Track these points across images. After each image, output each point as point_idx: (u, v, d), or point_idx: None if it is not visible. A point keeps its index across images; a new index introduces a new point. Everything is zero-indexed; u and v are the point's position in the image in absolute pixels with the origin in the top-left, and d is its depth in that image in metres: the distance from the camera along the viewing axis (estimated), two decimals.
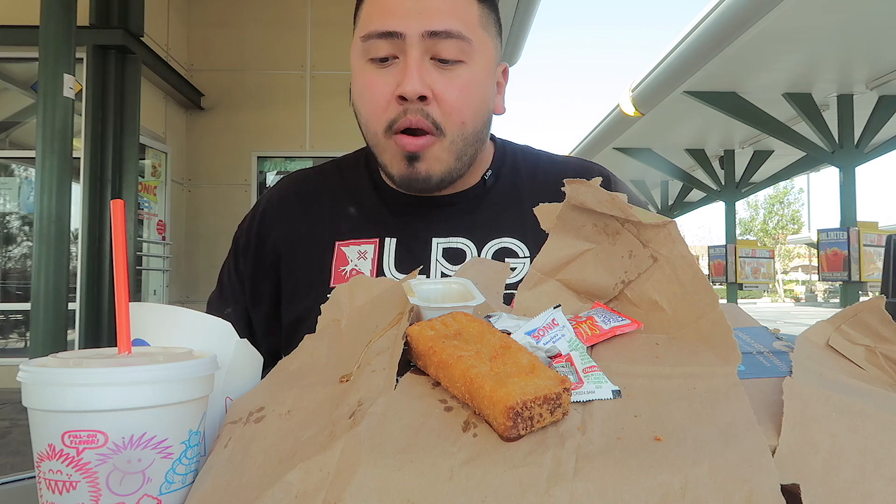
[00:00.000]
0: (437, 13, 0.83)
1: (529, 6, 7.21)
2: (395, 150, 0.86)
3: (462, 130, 0.86)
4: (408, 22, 0.82)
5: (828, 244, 9.42)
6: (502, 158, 1.00)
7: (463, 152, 0.88)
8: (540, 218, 0.60)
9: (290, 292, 0.94)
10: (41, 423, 0.39)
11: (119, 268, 0.46)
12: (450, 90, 0.84)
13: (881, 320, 0.50)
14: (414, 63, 0.82)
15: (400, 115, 0.84)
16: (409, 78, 0.81)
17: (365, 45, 0.85)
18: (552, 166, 1.01)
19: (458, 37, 0.83)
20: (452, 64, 0.84)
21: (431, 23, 0.82)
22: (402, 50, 0.83)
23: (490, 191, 0.96)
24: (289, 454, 0.40)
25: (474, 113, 0.87)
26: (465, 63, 0.85)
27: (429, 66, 0.84)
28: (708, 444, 0.36)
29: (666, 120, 10.83)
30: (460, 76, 0.85)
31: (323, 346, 0.53)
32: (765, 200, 40.86)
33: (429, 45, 0.83)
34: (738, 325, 0.54)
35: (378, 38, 0.83)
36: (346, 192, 0.99)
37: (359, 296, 0.57)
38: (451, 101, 0.84)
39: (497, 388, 0.38)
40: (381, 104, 0.85)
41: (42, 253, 4.43)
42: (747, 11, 6.61)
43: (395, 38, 0.82)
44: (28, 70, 6.37)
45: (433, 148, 0.85)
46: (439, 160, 0.86)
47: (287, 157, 7.85)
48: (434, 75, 0.83)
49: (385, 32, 0.83)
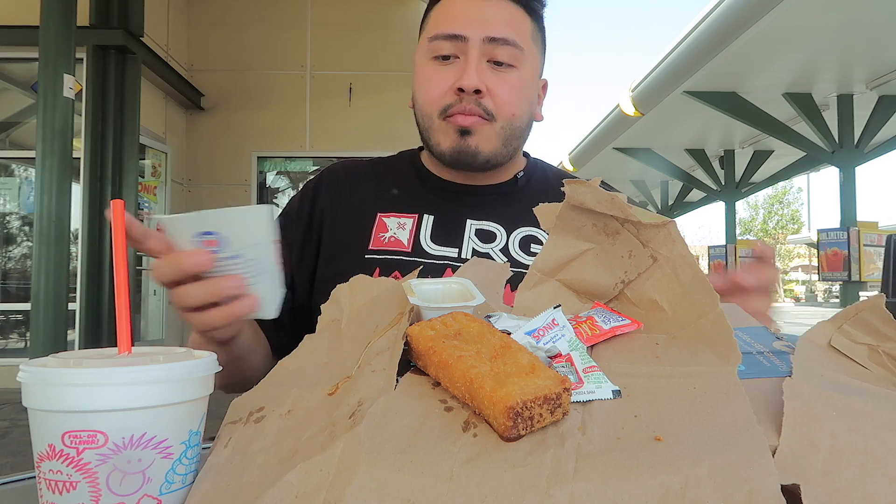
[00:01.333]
0: (497, 23, 0.95)
1: None
2: (447, 128, 0.96)
3: (511, 121, 0.97)
4: (471, 27, 0.94)
5: (828, 244, 9.42)
6: (534, 167, 1.11)
7: (509, 141, 0.98)
8: (540, 218, 0.60)
9: (329, 250, 1.01)
10: (41, 423, 0.39)
11: (119, 268, 0.46)
12: (502, 87, 0.95)
13: (882, 319, 0.50)
14: (473, 62, 0.93)
15: (455, 102, 0.94)
16: (469, 73, 0.93)
17: (431, 45, 0.96)
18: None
19: (513, 45, 0.95)
20: (506, 67, 0.95)
21: (491, 30, 0.94)
22: (463, 51, 0.94)
23: (522, 189, 1.06)
24: (289, 454, 0.40)
25: (521, 109, 0.98)
26: (515, 68, 0.96)
27: (485, 66, 0.95)
28: (708, 444, 0.36)
29: (666, 120, 10.82)
30: (511, 77, 0.96)
31: (323, 346, 0.53)
32: (765, 200, 40.87)
33: (487, 49, 0.94)
34: (738, 325, 0.54)
35: (444, 40, 0.95)
36: (390, 178, 1.08)
37: (359, 296, 0.57)
38: (503, 95, 0.95)
39: (497, 388, 0.38)
40: (439, 93, 0.95)
41: (42, 253, 4.43)
42: (747, 11, 6.60)
43: (459, 40, 0.94)
44: (28, 70, 6.36)
45: (484, 127, 0.95)
46: (488, 139, 0.96)
47: (287, 158, 7.85)
48: (489, 74, 0.94)
49: (451, 35, 0.94)
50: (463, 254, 0.98)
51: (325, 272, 0.99)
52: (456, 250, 0.98)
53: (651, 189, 17.80)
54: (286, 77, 7.69)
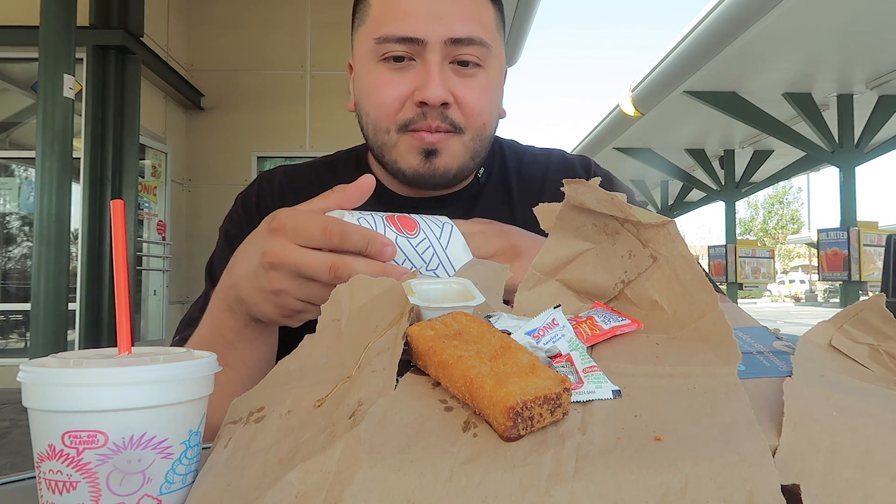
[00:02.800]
0: (459, 18, 0.80)
1: (529, 6, 7.21)
2: (409, 144, 0.83)
3: (481, 131, 0.86)
4: (429, 28, 0.79)
5: (828, 244, 9.43)
6: (492, 155, 0.99)
7: (477, 153, 0.87)
8: (540, 218, 0.60)
9: None
10: (41, 423, 0.39)
11: (119, 268, 0.45)
12: (470, 95, 0.82)
13: (883, 318, 0.50)
14: (436, 69, 0.79)
15: (418, 116, 0.81)
16: (432, 84, 0.79)
17: (380, 47, 0.82)
18: (535, 162, 1.03)
19: (479, 43, 0.81)
20: (472, 68, 0.83)
21: (454, 30, 0.80)
22: (420, 54, 0.81)
23: (483, 190, 0.97)
24: (289, 454, 0.40)
25: (491, 116, 0.87)
26: (482, 68, 0.84)
27: (448, 70, 0.82)
28: (708, 444, 0.36)
29: (666, 120, 10.83)
30: (479, 81, 0.83)
31: (323, 347, 0.53)
32: (765, 200, 40.90)
33: (450, 51, 0.81)
34: (738, 325, 0.54)
35: (395, 43, 0.80)
36: None
37: (359, 296, 0.57)
38: (472, 104, 0.83)
39: (497, 388, 0.38)
40: (394, 105, 0.82)
41: (42, 253, 4.43)
42: (747, 11, 6.61)
43: (415, 44, 0.80)
44: (28, 70, 6.37)
45: (451, 142, 0.84)
46: (456, 156, 0.85)
47: (287, 157, 7.86)
48: (453, 80, 0.82)
49: (404, 38, 0.80)
50: None
51: None
52: None
53: (651, 189, 17.82)
54: (286, 77, 7.70)
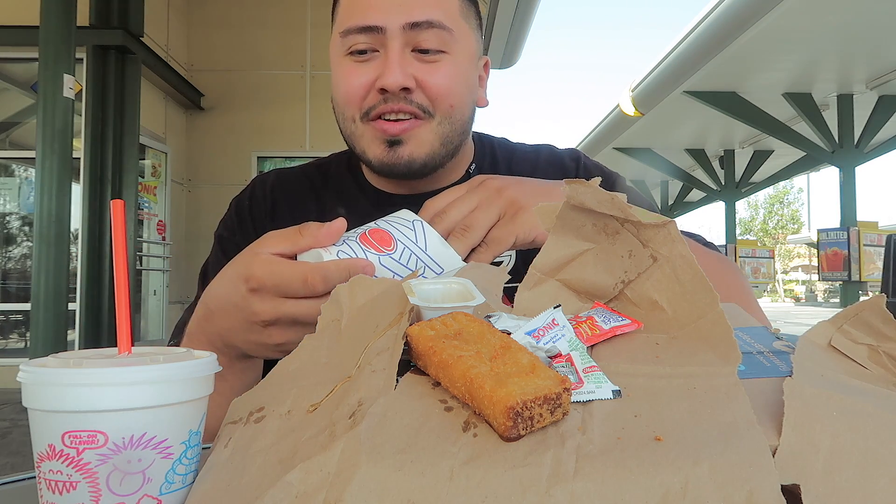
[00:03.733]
0: (417, 4, 0.81)
1: (529, 6, 7.21)
2: (373, 133, 0.84)
3: (451, 114, 0.85)
4: (387, 15, 0.81)
5: (828, 244, 9.43)
6: (482, 152, 1.00)
7: (449, 139, 0.86)
8: (540, 217, 0.60)
9: None
10: (41, 423, 0.39)
11: (119, 268, 0.45)
12: (433, 78, 0.82)
13: (883, 319, 0.50)
14: (395, 55, 0.81)
15: (379, 102, 0.82)
16: (391, 70, 0.80)
17: (344, 41, 0.83)
18: (525, 159, 1.02)
19: (439, 27, 0.82)
20: (434, 54, 0.83)
21: (412, 14, 0.81)
22: (382, 44, 0.82)
23: None
24: (289, 454, 0.40)
25: (460, 99, 0.86)
26: (447, 53, 0.84)
27: (410, 57, 0.82)
28: (708, 444, 0.36)
29: (666, 120, 10.83)
30: (444, 65, 0.83)
31: (323, 346, 0.53)
32: (765, 200, 40.90)
33: (410, 37, 0.81)
34: (738, 325, 0.54)
35: (357, 34, 0.82)
36: (331, 194, 0.98)
37: (359, 296, 0.57)
38: (437, 86, 0.83)
39: (497, 388, 0.38)
40: (358, 93, 0.83)
41: (42, 253, 4.43)
42: (747, 11, 6.61)
43: (376, 32, 0.81)
44: (28, 70, 6.37)
45: (418, 130, 0.83)
46: (423, 143, 0.84)
47: (287, 157, 7.85)
48: (416, 66, 0.82)
49: (364, 27, 0.81)
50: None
51: None
52: None
53: (651, 189, 17.82)
54: (286, 77, 7.69)
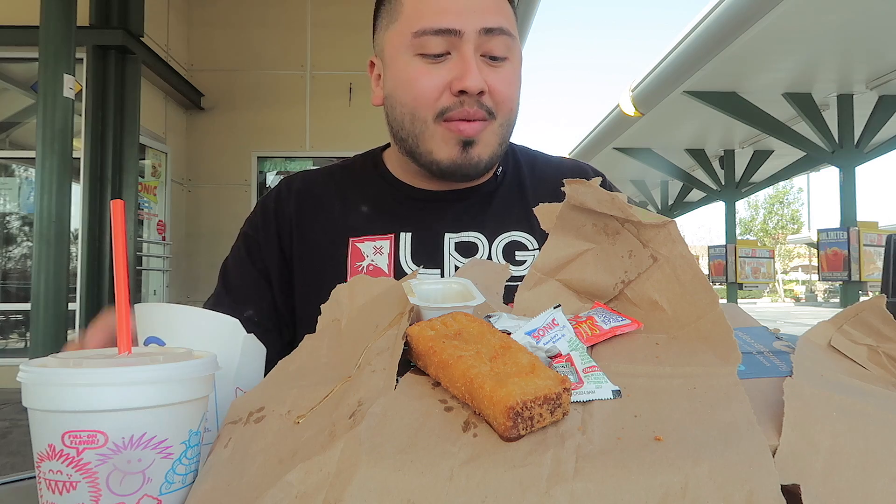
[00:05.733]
0: (490, 11, 0.86)
1: (529, 6, 7.21)
2: (446, 135, 0.87)
3: (509, 117, 0.90)
4: (465, 19, 0.84)
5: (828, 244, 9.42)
6: (506, 156, 1.02)
7: (505, 140, 0.92)
8: (540, 218, 0.60)
9: (304, 286, 0.94)
10: (41, 423, 0.39)
11: (119, 268, 0.45)
12: (500, 83, 0.87)
13: (882, 319, 0.50)
14: (472, 59, 0.85)
15: (455, 105, 0.86)
16: (471, 73, 0.84)
17: (416, 41, 0.86)
18: (548, 166, 1.06)
19: (507, 34, 0.87)
20: (500, 60, 0.88)
21: (486, 20, 0.85)
22: (455, 47, 0.85)
23: (500, 187, 0.99)
24: (289, 454, 0.40)
25: (516, 103, 0.92)
26: (509, 59, 0.89)
27: (480, 62, 0.86)
28: (708, 444, 0.36)
29: (666, 120, 10.82)
30: (506, 71, 0.88)
31: (323, 346, 0.53)
32: (765, 200, 40.87)
33: (482, 42, 0.86)
34: (738, 325, 0.54)
35: (434, 35, 0.85)
36: (356, 192, 1.00)
37: (359, 296, 0.57)
38: (503, 91, 0.88)
39: (497, 388, 0.38)
40: (433, 94, 0.86)
41: (42, 253, 4.42)
42: (747, 11, 6.61)
43: (453, 35, 0.85)
44: (28, 70, 6.36)
45: (486, 131, 0.88)
46: (489, 144, 0.89)
47: (287, 157, 7.85)
48: (486, 71, 0.87)
49: (442, 29, 0.85)
50: (445, 273, 0.91)
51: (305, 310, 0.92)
52: (438, 271, 0.91)
53: (651, 189, 17.80)
54: (286, 77, 7.69)
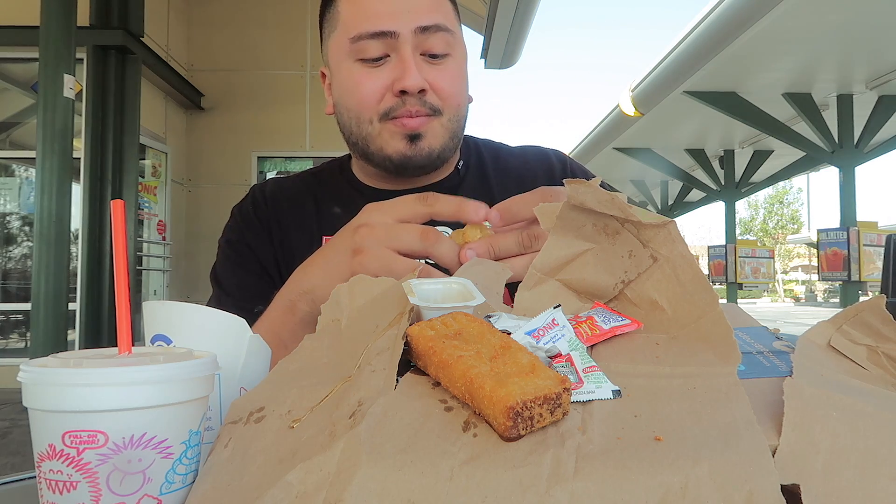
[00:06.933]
0: (424, 10, 0.87)
1: (529, 6, 7.20)
2: (392, 130, 0.88)
3: (457, 112, 0.91)
4: (399, 20, 0.85)
5: (828, 244, 9.43)
6: (468, 151, 1.05)
7: (455, 133, 0.92)
8: (540, 218, 0.60)
9: None
10: (41, 423, 0.39)
11: (119, 268, 0.45)
12: (443, 80, 0.88)
13: (882, 320, 0.50)
14: (410, 59, 0.85)
15: (398, 105, 0.87)
16: (410, 73, 0.84)
17: (355, 46, 0.87)
18: (511, 156, 1.07)
19: (444, 30, 0.88)
20: (441, 58, 0.89)
21: (421, 18, 0.86)
22: (393, 48, 0.86)
23: (463, 180, 1.01)
24: (289, 454, 0.40)
25: (463, 97, 0.93)
26: (451, 55, 0.89)
27: (420, 60, 0.87)
28: (708, 444, 0.36)
29: (666, 120, 10.83)
30: (449, 67, 0.89)
31: (323, 347, 0.53)
32: (765, 200, 40.88)
33: (419, 41, 0.86)
34: (737, 325, 0.54)
35: (370, 39, 0.86)
36: (327, 195, 1.02)
37: (359, 296, 0.57)
38: (446, 88, 0.89)
39: (497, 388, 0.38)
40: (375, 97, 0.87)
41: (42, 253, 4.43)
42: (747, 11, 6.61)
43: (389, 37, 0.85)
44: (28, 70, 6.37)
45: (432, 124, 0.89)
46: (437, 136, 0.90)
47: (287, 157, 7.85)
48: (426, 69, 0.88)
49: (378, 32, 0.85)
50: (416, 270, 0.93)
51: None
52: None
53: (651, 189, 17.81)
54: (286, 77, 7.69)
